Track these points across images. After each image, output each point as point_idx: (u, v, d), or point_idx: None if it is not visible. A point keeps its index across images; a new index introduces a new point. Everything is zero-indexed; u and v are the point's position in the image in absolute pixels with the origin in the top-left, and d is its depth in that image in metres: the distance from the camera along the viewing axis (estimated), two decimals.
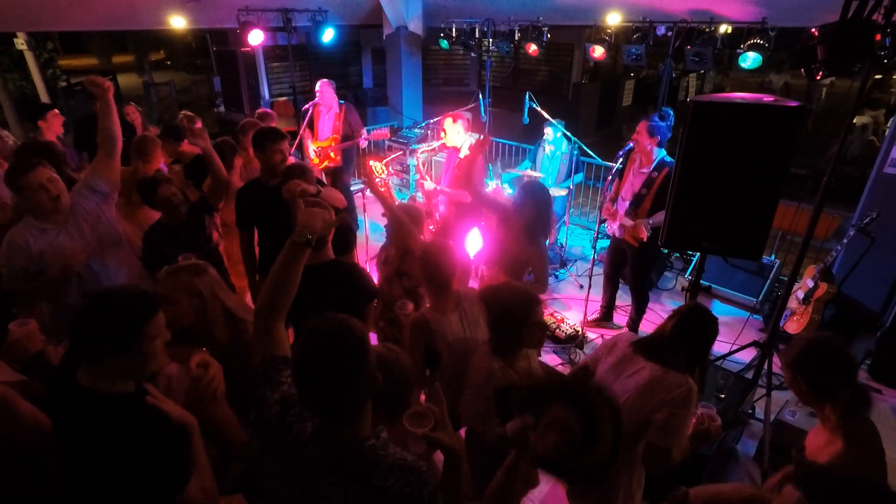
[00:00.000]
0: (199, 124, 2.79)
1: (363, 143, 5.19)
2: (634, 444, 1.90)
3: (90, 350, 1.37)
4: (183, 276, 1.87)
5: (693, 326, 1.86)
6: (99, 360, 1.38)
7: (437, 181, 4.28)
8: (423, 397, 2.34)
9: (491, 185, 4.98)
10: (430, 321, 2.19)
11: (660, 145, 3.55)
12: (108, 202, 2.59)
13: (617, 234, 3.82)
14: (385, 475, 1.17)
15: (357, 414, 1.21)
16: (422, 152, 4.45)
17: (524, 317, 1.88)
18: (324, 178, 4.83)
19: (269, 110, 4.61)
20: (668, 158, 3.55)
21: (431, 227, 4.27)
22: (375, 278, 2.84)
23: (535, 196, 2.89)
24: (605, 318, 4.31)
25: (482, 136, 3.86)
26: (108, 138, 2.53)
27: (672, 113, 3.91)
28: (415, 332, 2.21)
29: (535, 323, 1.90)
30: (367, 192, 5.55)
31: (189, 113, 2.98)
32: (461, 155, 4.01)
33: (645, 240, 3.54)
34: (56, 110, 4.09)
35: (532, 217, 2.86)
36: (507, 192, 4.89)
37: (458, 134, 3.95)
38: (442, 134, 4.05)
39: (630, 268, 3.89)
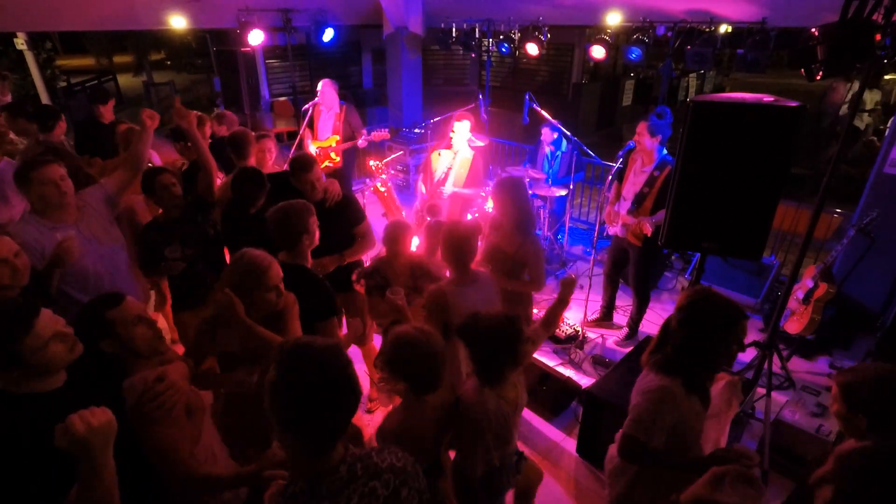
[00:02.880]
0: (192, 116, 2.84)
1: (362, 145, 5.19)
2: None
3: None
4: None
5: (688, 320, 1.72)
6: None
7: (437, 181, 4.28)
8: None
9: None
10: (448, 294, 2.28)
11: (661, 143, 3.56)
12: (114, 212, 2.67)
13: (619, 234, 3.82)
14: None
15: None
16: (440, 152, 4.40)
17: (512, 341, 1.82)
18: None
19: (227, 112, 4.61)
20: (670, 157, 3.56)
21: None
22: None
23: (511, 192, 2.92)
24: (605, 317, 4.31)
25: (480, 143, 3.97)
26: (135, 161, 2.67)
27: (669, 111, 3.91)
28: (433, 304, 2.29)
29: (524, 340, 1.85)
30: (368, 192, 5.56)
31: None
32: (467, 155, 4.07)
33: (649, 234, 3.54)
34: (63, 117, 4.10)
35: (516, 214, 2.90)
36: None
37: (466, 134, 4.05)
38: (452, 133, 4.08)
39: (632, 267, 3.88)
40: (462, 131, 4.07)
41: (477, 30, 6.32)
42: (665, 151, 3.61)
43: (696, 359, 1.75)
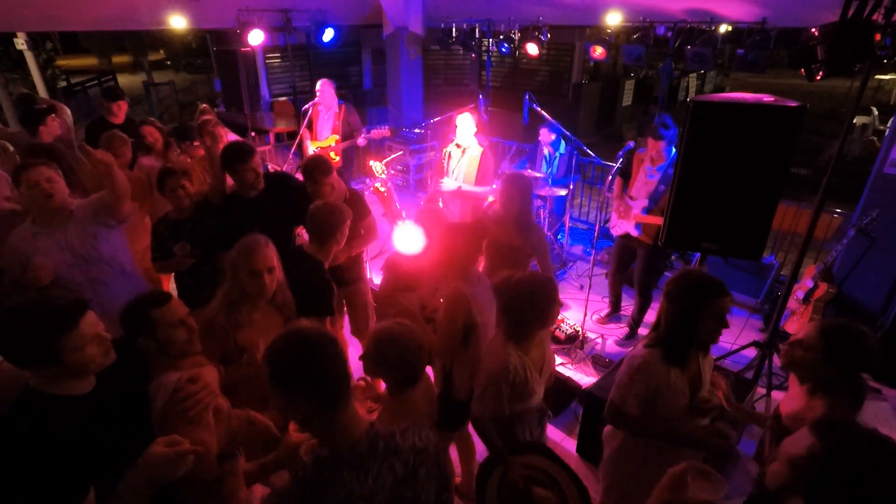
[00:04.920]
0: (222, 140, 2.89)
1: (362, 143, 5.19)
2: None
3: (14, 362, 1.37)
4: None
5: (669, 293, 1.87)
6: (27, 368, 1.38)
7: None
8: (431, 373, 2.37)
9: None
10: (467, 294, 2.25)
11: (669, 143, 3.60)
12: (116, 229, 2.62)
13: (633, 233, 3.78)
14: None
15: None
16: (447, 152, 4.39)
17: (549, 300, 1.98)
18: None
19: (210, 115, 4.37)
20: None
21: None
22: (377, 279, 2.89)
23: (519, 186, 2.99)
24: (615, 310, 4.34)
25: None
26: (116, 196, 2.51)
27: (670, 121, 3.89)
28: (455, 305, 2.24)
29: (556, 301, 2.02)
30: (368, 192, 5.55)
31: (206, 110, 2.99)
32: (475, 153, 4.07)
33: None
34: (54, 114, 4.09)
35: (521, 208, 2.98)
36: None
37: (470, 128, 4.05)
38: (458, 131, 4.06)
39: (640, 266, 3.89)
40: (464, 125, 4.03)
41: (477, 30, 6.32)
42: (675, 151, 3.65)
43: (674, 330, 1.86)
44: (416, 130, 7.22)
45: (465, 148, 4.10)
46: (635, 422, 1.92)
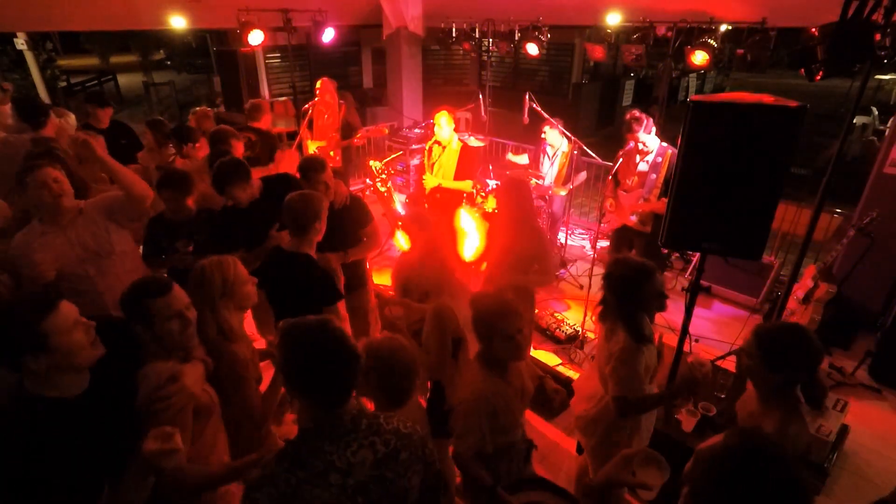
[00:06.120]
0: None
1: (359, 142, 5.19)
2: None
3: (4, 358, 1.37)
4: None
5: (611, 281, 2.08)
6: (17, 364, 1.36)
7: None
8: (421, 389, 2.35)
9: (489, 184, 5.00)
10: (452, 306, 2.24)
11: (646, 131, 3.71)
12: (125, 226, 2.62)
13: (629, 224, 3.88)
14: None
15: None
16: (428, 147, 4.45)
17: (493, 327, 1.82)
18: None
19: (260, 101, 4.57)
20: (664, 143, 3.74)
21: None
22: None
23: (514, 192, 2.99)
24: None
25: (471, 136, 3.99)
26: (134, 194, 2.50)
27: (639, 113, 3.93)
28: (441, 319, 2.22)
29: (506, 337, 1.81)
30: (368, 192, 5.55)
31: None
32: (454, 147, 4.13)
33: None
34: (51, 114, 4.09)
35: (519, 214, 2.96)
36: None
37: (450, 128, 4.10)
38: (437, 129, 4.12)
39: (637, 255, 3.93)
40: (442, 123, 4.08)
41: (477, 30, 6.32)
42: (656, 139, 3.76)
43: (632, 315, 2.06)
44: (416, 130, 7.21)
45: (445, 144, 4.15)
46: (642, 401, 2.03)
